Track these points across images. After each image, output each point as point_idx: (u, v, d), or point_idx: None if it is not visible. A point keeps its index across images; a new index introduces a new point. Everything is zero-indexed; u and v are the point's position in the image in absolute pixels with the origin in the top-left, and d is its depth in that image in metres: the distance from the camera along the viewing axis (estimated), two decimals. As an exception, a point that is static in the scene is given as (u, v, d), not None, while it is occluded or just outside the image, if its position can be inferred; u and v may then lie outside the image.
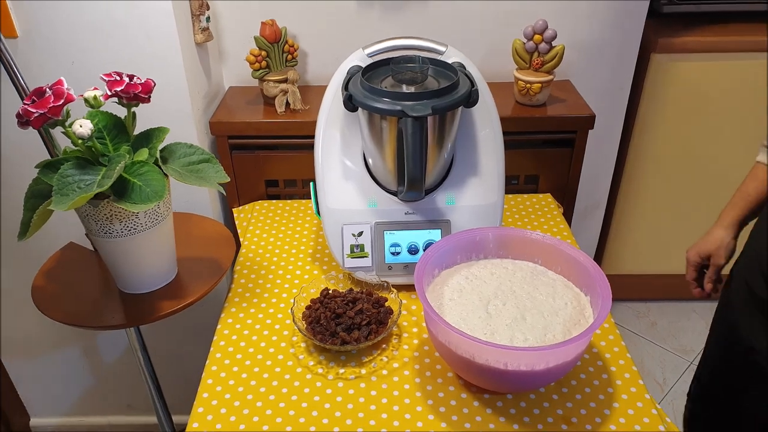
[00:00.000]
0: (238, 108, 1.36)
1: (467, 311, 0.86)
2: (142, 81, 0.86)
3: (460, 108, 0.97)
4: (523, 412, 0.85)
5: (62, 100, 0.77)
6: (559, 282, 0.92)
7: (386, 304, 0.98)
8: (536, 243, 0.95)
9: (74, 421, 1.74)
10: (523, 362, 0.77)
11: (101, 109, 0.89)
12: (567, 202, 1.41)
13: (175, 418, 1.35)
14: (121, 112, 0.89)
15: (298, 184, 1.40)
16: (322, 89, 1.07)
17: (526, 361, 0.77)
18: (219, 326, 1.00)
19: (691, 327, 2.10)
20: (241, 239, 1.24)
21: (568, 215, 1.43)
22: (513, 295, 0.89)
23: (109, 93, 0.83)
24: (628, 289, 2.15)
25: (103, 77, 0.83)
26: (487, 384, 0.85)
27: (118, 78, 0.83)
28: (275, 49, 1.32)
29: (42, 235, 0.92)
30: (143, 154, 0.88)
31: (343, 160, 1.07)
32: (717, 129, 1.74)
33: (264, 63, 1.31)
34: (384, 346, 0.96)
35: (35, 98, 0.78)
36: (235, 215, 1.34)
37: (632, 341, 2.05)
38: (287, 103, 1.33)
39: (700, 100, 1.68)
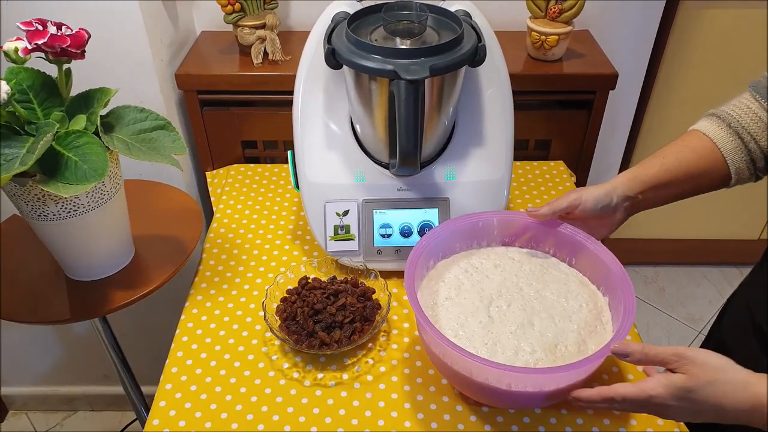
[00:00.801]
0: (210, 57, 1.19)
1: (466, 314, 0.73)
2: (73, 32, 0.69)
3: (463, 68, 0.81)
4: (527, 430, 0.73)
5: (-35, 57, 0.62)
6: (573, 277, 0.79)
7: (374, 296, 0.85)
8: (548, 231, 0.81)
9: (47, 391, 1.65)
10: (529, 383, 0.65)
11: (29, 65, 0.73)
12: (581, 169, 1.26)
13: (145, 389, 1.25)
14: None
15: (279, 146, 1.24)
16: (306, 36, 0.90)
17: (533, 382, 0.65)
18: (183, 317, 0.87)
19: (701, 294, 1.99)
20: (213, 208, 1.10)
21: (581, 183, 1.29)
22: (519, 293, 0.76)
23: (29, 47, 0.67)
24: (636, 254, 2.03)
25: (21, 26, 0.67)
26: (487, 401, 0.73)
27: (40, 28, 0.67)
28: (252, -11, 1.14)
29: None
30: (80, 121, 0.72)
31: (327, 123, 0.92)
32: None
33: (238, 5, 1.13)
34: (370, 345, 0.83)
35: (-67, 53, 0.62)
36: (208, 180, 1.19)
37: (639, 309, 1.94)
38: (265, 53, 1.16)
39: (732, 54, 1.50)
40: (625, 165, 1.69)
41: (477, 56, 0.80)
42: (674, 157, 0.74)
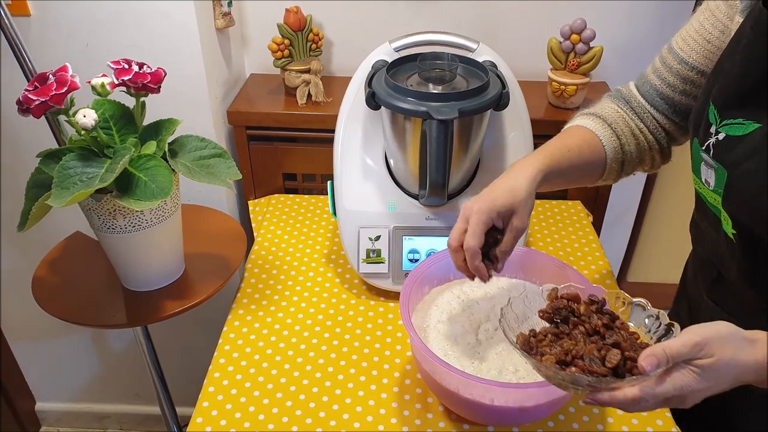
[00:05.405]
0: (258, 97, 1.31)
1: (456, 335, 0.79)
2: (152, 70, 0.80)
3: (488, 111, 0.90)
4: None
5: (65, 88, 0.73)
6: None
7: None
8: (535, 263, 0.87)
9: (80, 408, 1.73)
10: (510, 398, 0.71)
11: (109, 97, 0.84)
12: (597, 210, 1.33)
13: (180, 410, 1.32)
14: (132, 100, 0.85)
15: (317, 179, 1.34)
16: (346, 80, 1.01)
17: (514, 397, 0.71)
18: (225, 329, 0.96)
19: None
20: (255, 234, 1.19)
21: (597, 224, 1.36)
22: None
23: (116, 82, 0.79)
24: (655, 298, 2.05)
25: (111, 65, 0.78)
26: (473, 417, 0.79)
27: (126, 66, 0.78)
28: (299, 38, 1.26)
29: (51, 218, 0.88)
30: (151, 147, 0.83)
31: (363, 158, 1.01)
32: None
33: (287, 52, 1.25)
34: (387, 352, 0.90)
35: (37, 84, 0.74)
36: (250, 208, 1.29)
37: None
38: (309, 95, 1.27)
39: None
40: (643, 205, 1.75)
41: (501, 101, 0.89)
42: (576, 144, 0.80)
